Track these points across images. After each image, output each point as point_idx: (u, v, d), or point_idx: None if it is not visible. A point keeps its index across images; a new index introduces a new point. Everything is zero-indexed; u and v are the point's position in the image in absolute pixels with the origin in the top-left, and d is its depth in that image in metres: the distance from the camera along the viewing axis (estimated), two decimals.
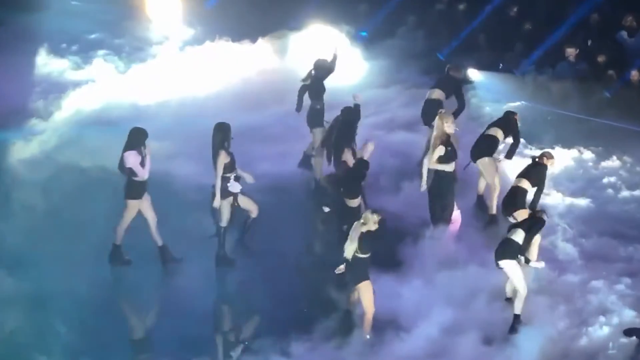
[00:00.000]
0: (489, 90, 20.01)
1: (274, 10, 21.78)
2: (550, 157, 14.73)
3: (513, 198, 14.46)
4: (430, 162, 14.87)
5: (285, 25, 21.70)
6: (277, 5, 21.87)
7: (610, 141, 18.25)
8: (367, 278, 13.03)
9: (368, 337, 13.07)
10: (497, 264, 13.18)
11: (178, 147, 17.80)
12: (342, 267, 13.14)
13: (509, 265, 13.10)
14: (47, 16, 22.87)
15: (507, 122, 15.91)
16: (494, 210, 15.66)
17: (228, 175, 14.65)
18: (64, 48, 21.75)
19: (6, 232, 15.23)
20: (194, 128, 17.45)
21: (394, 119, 19.39)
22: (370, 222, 12.89)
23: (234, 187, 14.74)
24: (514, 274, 13.11)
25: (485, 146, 15.70)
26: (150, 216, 14.77)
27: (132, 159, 14.48)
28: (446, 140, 14.80)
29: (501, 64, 20.67)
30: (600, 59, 19.72)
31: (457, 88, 17.32)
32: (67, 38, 21.89)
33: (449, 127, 14.79)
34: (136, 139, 14.58)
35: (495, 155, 15.84)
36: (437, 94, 17.17)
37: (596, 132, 18.47)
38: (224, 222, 14.76)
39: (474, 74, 20.33)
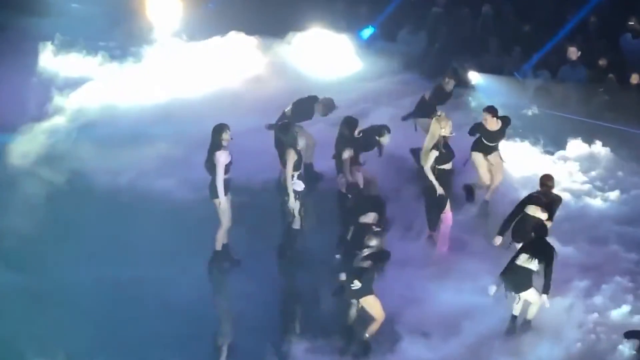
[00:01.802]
0: (490, 93, 19.94)
1: (273, 12, 21.73)
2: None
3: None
4: (426, 166, 14.85)
5: (284, 28, 21.61)
6: (277, 7, 21.81)
7: (613, 143, 18.20)
8: (371, 292, 12.92)
9: (367, 335, 13.03)
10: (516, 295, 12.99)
11: (173, 150, 17.82)
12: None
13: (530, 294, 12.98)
14: (48, 19, 22.86)
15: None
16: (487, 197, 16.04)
17: (293, 173, 14.67)
18: (65, 50, 21.68)
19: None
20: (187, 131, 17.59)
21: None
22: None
23: (298, 185, 14.71)
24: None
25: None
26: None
27: (222, 159, 14.46)
28: (441, 143, 14.77)
29: (503, 68, 20.65)
30: (602, 62, 19.69)
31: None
32: (68, 40, 21.83)
33: (445, 131, 14.78)
34: (218, 136, 14.50)
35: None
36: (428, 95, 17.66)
37: (598, 135, 18.40)
38: (296, 224, 14.81)
39: (475, 77, 20.27)
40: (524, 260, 12.86)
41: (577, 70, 19.89)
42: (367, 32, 21.77)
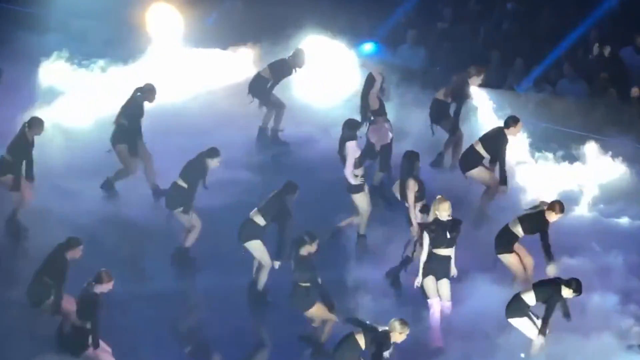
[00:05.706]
0: (489, 107, 19.97)
1: (273, 26, 21.78)
2: (555, 209, 14.00)
3: (500, 238, 14.03)
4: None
5: (285, 41, 21.65)
6: (277, 21, 21.87)
7: (613, 157, 18.16)
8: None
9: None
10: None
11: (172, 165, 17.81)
12: None
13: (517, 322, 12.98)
14: (48, 34, 22.91)
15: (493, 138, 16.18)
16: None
17: (416, 204, 14.54)
18: (65, 65, 21.70)
19: None
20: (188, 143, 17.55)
21: None
22: (396, 332, 12.33)
23: (421, 218, 14.40)
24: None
25: (470, 159, 16.10)
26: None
27: (352, 149, 14.75)
28: (435, 227, 13.80)
29: (504, 82, 20.69)
30: (603, 75, 19.73)
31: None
32: (68, 54, 21.85)
33: (440, 214, 13.76)
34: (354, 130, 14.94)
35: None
36: (442, 94, 18.23)
37: (599, 148, 18.38)
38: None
39: (475, 91, 20.29)
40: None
41: (576, 85, 19.96)
42: (368, 46, 21.78)
